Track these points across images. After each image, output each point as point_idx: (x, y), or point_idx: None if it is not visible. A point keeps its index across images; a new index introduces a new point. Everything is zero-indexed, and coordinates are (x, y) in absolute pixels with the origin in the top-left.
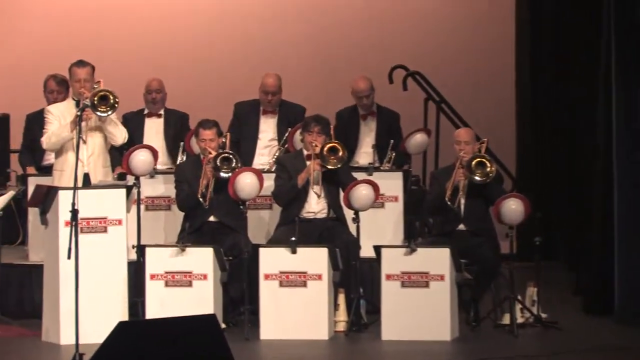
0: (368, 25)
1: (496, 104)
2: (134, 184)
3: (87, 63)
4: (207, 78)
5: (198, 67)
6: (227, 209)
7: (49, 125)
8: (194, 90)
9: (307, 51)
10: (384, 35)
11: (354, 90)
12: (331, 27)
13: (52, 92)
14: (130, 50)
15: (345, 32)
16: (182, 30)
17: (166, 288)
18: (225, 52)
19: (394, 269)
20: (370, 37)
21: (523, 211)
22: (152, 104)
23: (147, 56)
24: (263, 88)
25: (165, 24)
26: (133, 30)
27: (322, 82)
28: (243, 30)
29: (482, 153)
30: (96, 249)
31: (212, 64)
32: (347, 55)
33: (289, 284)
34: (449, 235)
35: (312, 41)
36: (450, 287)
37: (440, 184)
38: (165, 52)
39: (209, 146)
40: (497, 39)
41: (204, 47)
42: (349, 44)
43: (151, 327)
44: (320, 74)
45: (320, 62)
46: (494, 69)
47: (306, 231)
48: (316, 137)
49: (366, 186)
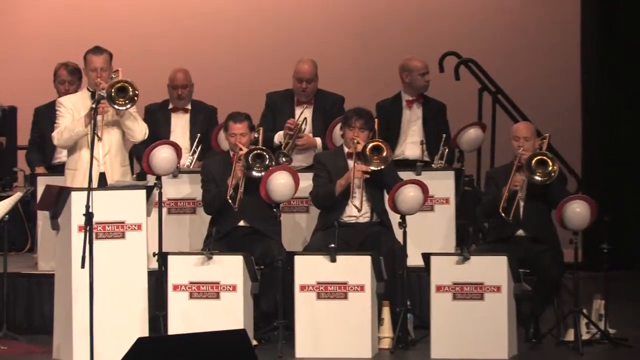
0: (415, 8)
1: (559, 95)
2: (155, 184)
3: (105, 50)
4: (236, 67)
5: (226, 54)
6: (259, 212)
7: (61, 119)
8: (222, 81)
9: (346, 35)
10: (433, 18)
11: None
12: (373, 9)
13: (64, 83)
14: (150, 36)
15: (389, 15)
16: (209, 14)
17: (191, 300)
18: (256, 37)
19: (444, 280)
20: (417, 21)
21: (589, 215)
22: (178, 100)
23: (169, 43)
24: (297, 75)
25: (189, 7)
26: (153, 15)
27: (362, 69)
28: (276, 13)
29: (543, 150)
30: (113, 256)
31: (242, 51)
32: (390, 40)
33: (328, 296)
34: (507, 242)
35: (352, 24)
36: (507, 300)
37: (497, 185)
38: (190, 38)
39: (240, 141)
40: (561, 21)
41: (232, 32)
42: (393, 28)
43: (174, 344)
44: (361, 61)
45: (361, 48)
46: (557, 56)
47: (347, 237)
48: (358, 133)
49: (414, 187)
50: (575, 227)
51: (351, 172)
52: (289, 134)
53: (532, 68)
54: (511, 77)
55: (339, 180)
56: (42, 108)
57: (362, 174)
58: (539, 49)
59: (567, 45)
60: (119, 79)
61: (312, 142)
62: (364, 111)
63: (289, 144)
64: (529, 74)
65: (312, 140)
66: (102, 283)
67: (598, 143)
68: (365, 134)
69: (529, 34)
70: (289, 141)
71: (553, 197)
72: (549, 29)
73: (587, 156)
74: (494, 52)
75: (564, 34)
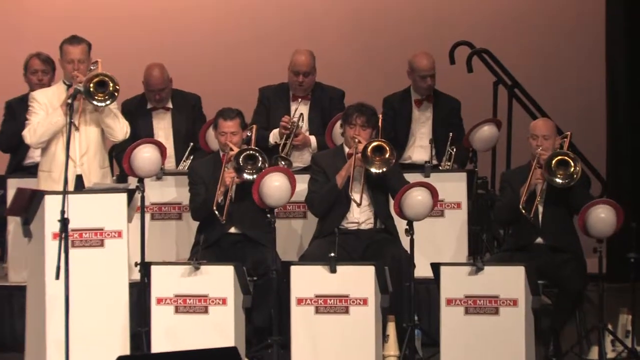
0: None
1: (583, 89)
2: (137, 187)
3: (82, 39)
4: (224, 59)
5: (213, 45)
6: (251, 218)
7: (34, 115)
8: (210, 74)
9: (347, 22)
10: (444, 4)
11: (416, 68)
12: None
13: (36, 73)
14: (131, 22)
15: (395, 3)
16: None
17: (176, 315)
18: (248, 25)
19: (455, 292)
20: (427, 7)
21: (615, 221)
22: (156, 102)
23: (151, 33)
24: (293, 67)
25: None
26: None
27: (365, 60)
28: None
29: (564, 150)
30: (91, 267)
31: (232, 41)
32: (396, 27)
33: (327, 311)
34: (524, 251)
35: (354, 10)
36: (525, 315)
37: (514, 188)
38: (173, 24)
39: (231, 141)
40: (584, 7)
41: (219, 20)
42: (400, 14)
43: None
44: (364, 51)
45: (364, 36)
46: (580, 45)
47: (348, 245)
48: (359, 131)
49: (422, 190)
50: (599, 234)
51: (351, 162)
52: (285, 133)
53: (552, 59)
54: (529, 68)
55: (338, 173)
56: (14, 102)
57: (362, 162)
58: (560, 38)
59: (591, 34)
60: (98, 72)
61: (307, 140)
62: (366, 107)
63: (287, 145)
64: (549, 65)
65: (307, 139)
66: (79, 296)
67: (625, 142)
68: (367, 132)
69: (548, 21)
70: (287, 142)
71: (575, 201)
72: (571, 15)
73: (612, 156)
74: (510, 42)
75: (588, 21)
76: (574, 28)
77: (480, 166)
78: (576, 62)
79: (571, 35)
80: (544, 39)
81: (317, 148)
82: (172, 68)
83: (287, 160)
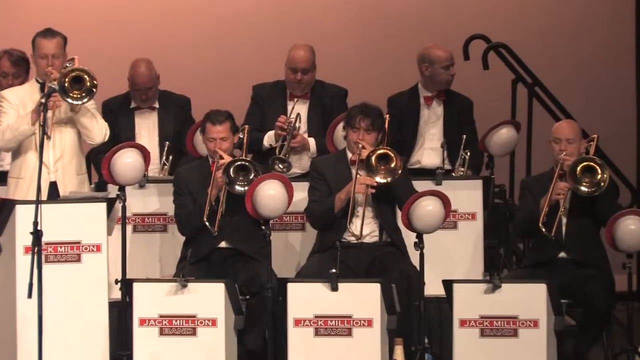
0: None
1: (610, 88)
2: (117, 196)
3: (57, 32)
4: (214, 54)
5: (202, 40)
6: (244, 230)
7: (3, 116)
8: (198, 70)
9: (350, 16)
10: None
11: (436, 59)
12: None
13: (6, 76)
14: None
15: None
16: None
17: (161, 337)
18: (240, 16)
19: (470, 312)
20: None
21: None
22: (142, 102)
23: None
24: (290, 64)
25: None
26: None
27: (371, 57)
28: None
29: (590, 155)
30: (67, 284)
31: (223, 34)
32: (404, 21)
33: (328, 333)
34: (546, 267)
35: (357, 2)
36: (546, 337)
37: (534, 197)
38: (159, 20)
39: (221, 147)
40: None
41: (210, 13)
42: (409, 8)
43: None
44: (369, 47)
45: (368, 30)
46: (607, 41)
47: (351, 260)
48: (364, 136)
49: (432, 200)
50: (629, 248)
51: (352, 184)
52: (281, 134)
53: (577, 54)
54: (551, 65)
55: (338, 194)
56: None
57: (366, 188)
58: (586, 32)
59: (620, 27)
60: (74, 67)
61: (305, 143)
62: (370, 108)
63: (285, 147)
64: (573, 61)
65: (305, 141)
66: (54, 316)
67: None
68: (372, 136)
69: (573, 13)
70: (284, 144)
71: (602, 211)
72: (598, 7)
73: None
74: (530, 35)
75: (616, 13)
76: (601, 21)
77: (497, 173)
78: (603, 58)
79: (598, 28)
80: (568, 32)
81: (316, 151)
82: (166, 70)
83: (286, 162)
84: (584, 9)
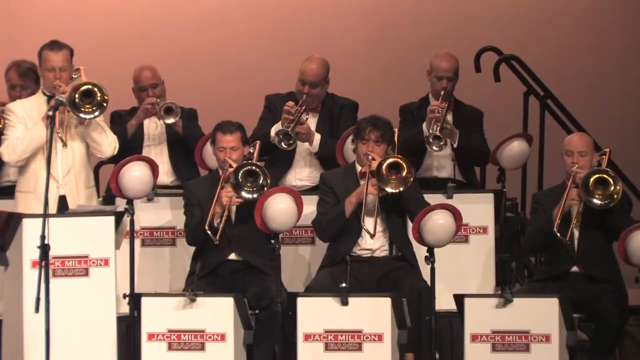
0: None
1: (622, 101)
2: (125, 209)
3: (64, 45)
4: (227, 64)
5: (214, 52)
6: (253, 243)
7: (11, 130)
8: (209, 81)
9: (363, 26)
10: (469, 7)
11: (434, 67)
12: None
13: (14, 88)
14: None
15: (415, 5)
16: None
17: (170, 352)
18: (253, 26)
19: (482, 327)
20: (450, 11)
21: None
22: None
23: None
24: (300, 76)
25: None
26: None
27: (382, 69)
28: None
29: (603, 167)
30: (74, 298)
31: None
32: (416, 34)
33: (338, 348)
34: (558, 281)
35: (370, 12)
36: (559, 352)
37: (546, 211)
38: (169, 31)
39: (231, 157)
40: (626, 7)
41: (222, 24)
42: (420, 19)
43: None
44: (380, 59)
45: (380, 43)
46: (620, 53)
47: (361, 275)
48: (373, 147)
49: (444, 213)
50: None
51: (362, 187)
52: (288, 118)
53: (589, 67)
54: (564, 77)
55: (348, 198)
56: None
57: (377, 190)
58: (599, 44)
59: (631, 40)
60: (83, 80)
61: (310, 133)
62: (380, 120)
63: (292, 127)
64: (585, 74)
65: (311, 131)
66: (61, 331)
67: None
68: (381, 148)
69: (585, 25)
70: (289, 126)
71: (615, 225)
72: (610, 19)
73: None
74: (542, 47)
75: (629, 25)
76: (613, 33)
77: (509, 186)
78: (616, 71)
79: (610, 41)
80: (581, 45)
81: (318, 148)
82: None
83: (292, 139)
84: (596, 22)
